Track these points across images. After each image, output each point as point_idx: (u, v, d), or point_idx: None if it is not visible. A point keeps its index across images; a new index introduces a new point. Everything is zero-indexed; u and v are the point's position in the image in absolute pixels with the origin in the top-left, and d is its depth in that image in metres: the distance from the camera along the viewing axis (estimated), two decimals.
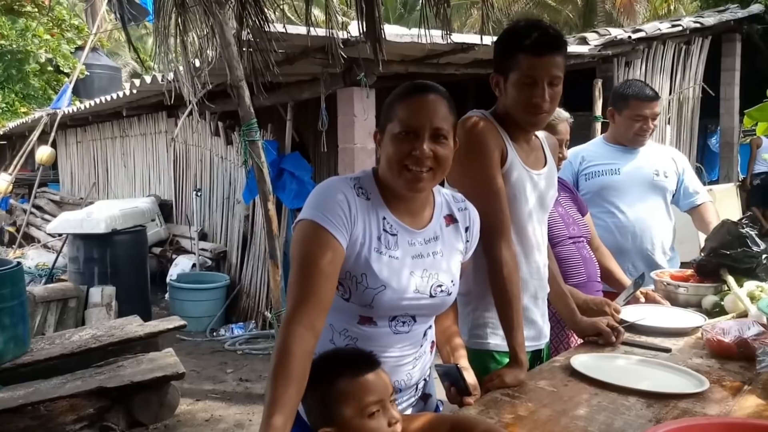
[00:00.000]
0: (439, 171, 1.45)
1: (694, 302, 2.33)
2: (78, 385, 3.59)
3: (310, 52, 4.68)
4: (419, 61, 5.30)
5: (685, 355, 1.87)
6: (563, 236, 2.29)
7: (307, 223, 1.39)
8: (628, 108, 2.80)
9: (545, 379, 1.67)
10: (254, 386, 4.43)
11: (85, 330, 4.29)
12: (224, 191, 6.75)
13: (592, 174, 2.88)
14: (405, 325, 1.48)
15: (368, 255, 1.42)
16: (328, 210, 1.39)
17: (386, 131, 1.46)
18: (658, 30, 6.57)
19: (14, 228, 10.05)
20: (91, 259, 5.66)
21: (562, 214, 2.34)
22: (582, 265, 2.29)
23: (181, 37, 3.87)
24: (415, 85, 1.48)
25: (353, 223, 1.41)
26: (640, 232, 2.80)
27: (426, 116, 1.42)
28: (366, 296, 1.41)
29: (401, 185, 1.44)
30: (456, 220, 1.58)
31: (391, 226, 1.47)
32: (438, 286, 1.49)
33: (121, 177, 9.44)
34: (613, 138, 2.94)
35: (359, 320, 1.45)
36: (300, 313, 1.30)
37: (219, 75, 4.61)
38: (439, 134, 1.43)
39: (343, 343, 1.46)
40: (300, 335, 1.28)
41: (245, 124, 4.03)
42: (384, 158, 1.46)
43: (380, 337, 1.46)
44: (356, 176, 1.51)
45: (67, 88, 9.58)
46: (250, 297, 6.04)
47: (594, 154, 2.92)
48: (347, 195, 1.43)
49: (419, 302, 1.47)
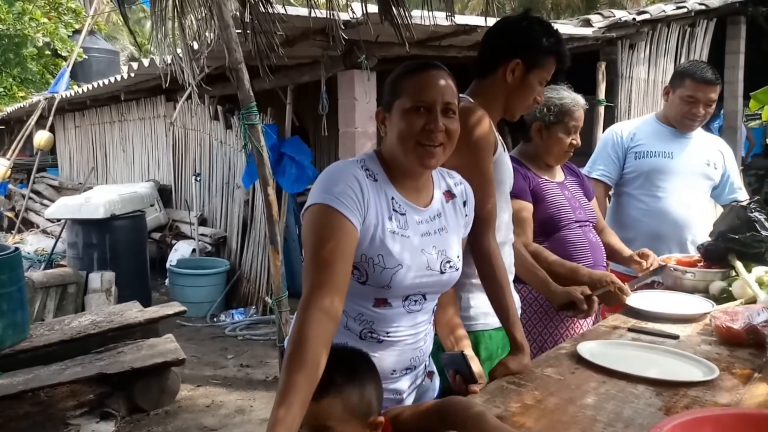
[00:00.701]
0: (449, 146, 1.45)
1: (701, 288, 2.29)
2: (78, 371, 3.56)
3: (311, 34, 4.61)
4: (421, 44, 5.22)
5: (693, 342, 1.84)
6: (570, 220, 2.26)
7: (318, 206, 1.37)
8: (682, 87, 2.70)
9: (552, 367, 1.64)
10: (255, 372, 4.41)
11: (85, 316, 4.26)
12: (224, 176, 6.70)
13: (644, 153, 2.78)
14: (417, 304, 1.48)
15: (382, 236, 1.40)
16: (340, 192, 1.37)
17: (394, 108, 1.45)
18: (663, 12, 6.48)
19: (13, 213, 10.00)
20: (90, 245, 5.63)
21: (569, 197, 2.31)
22: (588, 248, 2.26)
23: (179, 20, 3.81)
24: (420, 62, 1.48)
25: (366, 205, 1.39)
26: (682, 220, 2.72)
27: (438, 91, 1.42)
28: (384, 277, 1.40)
29: (413, 161, 1.43)
30: (454, 195, 1.58)
31: (400, 205, 1.46)
32: (447, 262, 1.49)
33: (120, 162, 9.39)
34: (664, 117, 2.84)
35: (374, 303, 1.44)
36: (317, 297, 1.27)
37: (218, 58, 4.54)
38: (449, 109, 1.43)
39: (359, 328, 1.45)
40: (318, 320, 1.25)
41: (245, 107, 3.96)
42: (394, 135, 1.44)
43: (395, 317, 1.45)
44: (360, 158, 1.49)
45: (65, 72, 9.50)
46: (250, 282, 6.01)
47: (646, 133, 2.82)
48: (357, 177, 1.41)
49: (431, 279, 1.46)
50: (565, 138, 2.27)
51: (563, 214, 2.25)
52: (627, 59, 6.49)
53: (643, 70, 6.72)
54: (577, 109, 2.27)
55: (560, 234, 2.24)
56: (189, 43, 3.99)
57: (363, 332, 1.45)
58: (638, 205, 2.70)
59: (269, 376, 4.30)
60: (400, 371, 1.48)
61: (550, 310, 2.25)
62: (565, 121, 2.26)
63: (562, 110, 2.26)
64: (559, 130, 2.27)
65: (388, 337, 1.45)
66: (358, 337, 1.44)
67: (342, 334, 1.43)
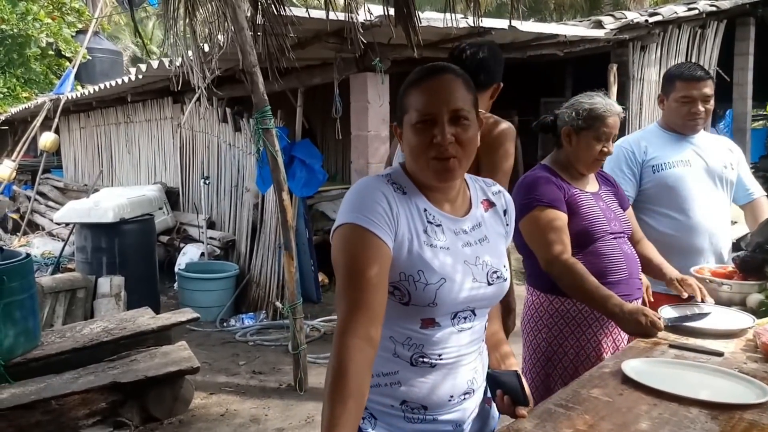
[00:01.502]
0: (466, 155, 1.36)
1: (737, 300, 2.23)
2: (91, 380, 3.51)
3: (323, 36, 4.56)
4: (434, 46, 5.17)
5: (738, 360, 1.77)
6: (605, 232, 2.19)
7: (348, 227, 1.30)
8: (674, 90, 2.61)
9: (598, 388, 1.58)
10: (268, 379, 4.35)
11: (96, 322, 4.20)
12: (232, 179, 6.65)
13: (662, 166, 2.62)
14: (467, 321, 1.40)
15: (420, 249, 1.34)
16: (369, 210, 1.30)
17: (404, 123, 1.39)
18: (675, 13, 6.43)
19: (18, 215, 9.95)
20: (99, 249, 5.57)
21: (604, 209, 2.24)
22: (623, 261, 2.19)
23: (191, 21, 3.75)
24: (426, 68, 1.39)
25: (396, 221, 1.33)
26: (716, 230, 2.61)
27: (442, 99, 1.33)
28: (428, 294, 1.32)
29: (430, 177, 1.37)
30: (493, 204, 1.52)
31: (434, 216, 1.39)
32: (494, 272, 1.42)
33: (126, 164, 9.33)
34: (666, 124, 2.73)
35: (421, 324, 1.36)
36: (354, 324, 1.21)
37: (228, 60, 4.50)
38: (459, 116, 1.34)
39: (409, 353, 1.37)
40: (357, 348, 1.19)
41: (259, 111, 3.92)
42: (407, 152, 1.39)
43: (445, 337, 1.38)
44: (387, 173, 1.43)
45: (70, 73, 9.47)
46: (260, 287, 5.95)
47: (657, 144, 2.67)
48: (385, 192, 1.35)
49: (479, 292, 1.39)
50: (595, 145, 2.19)
51: (598, 227, 2.18)
52: (638, 61, 6.45)
53: (654, 72, 6.67)
54: (610, 115, 2.19)
55: (594, 246, 2.17)
56: (200, 45, 3.94)
57: (414, 357, 1.37)
58: (667, 220, 2.58)
59: (282, 383, 4.24)
60: (458, 396, 1.41)
61: (583, 322, 2.20)
62: (595, 127, 2.18)
63: (591, 115, 2.18)
64: (588, 136, 2.19)
65: (441, 360, 1.38)
66: (410, 364, 1.37)
67: (391, 362, 1.37)
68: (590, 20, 6.47)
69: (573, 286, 2.05)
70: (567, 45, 5.98)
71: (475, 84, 1.45)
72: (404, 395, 1.38)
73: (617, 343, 2.20)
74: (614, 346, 2.19)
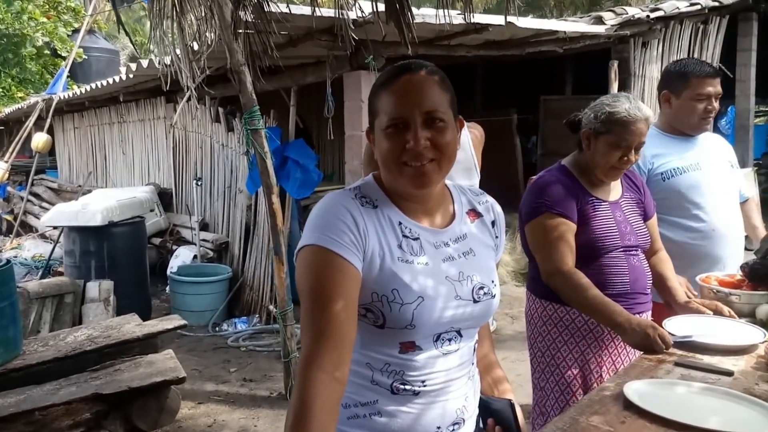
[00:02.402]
0: (444, 160, 1.24)
1: (746, 312, 2.10)
2: (72, 391, 3.38)
3: (315, 33, 4.42)
4: (429, 43, 5.04)
5: (750, 380, 1.64)
6: (615, 246, 2.04)
7: (312, 249, 1.18)
8: (689, 88, 2.44)
9: (598, 415, 1.45)
10: (259, 387, 4.22)
11: (81, 330, 4.07)
12: (226, 180, 6.51)
13: (672, 172, 2.46)
14: (452, 343, 1.27)
15: (393, 266, 1.21)
16: (333, 230, 1.18)
17: (375, 128, 1.26)
18: (677, 9, 6.30)
19: (12, 216, 9.82)
20: (88, 253, 5.43)
21: (621, 220, 2.08)
22: (627, 274, 2.05)
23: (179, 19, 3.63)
24: (396, 67, 1.27)
25: (365, 239, 1.20)
26: (732, 234, 2.48)
27: (413, 101, 1.21)
28: (404, 314, 1.19)
29: (405, 184, 1.24)
30: (480, 215, 1.39)
31: (410, 230, 1.26)
32: (480, 288, 1.29)
33: (120, 164, 9.20)
34: (669, 127, 2.56)
35: (400, 348, 1.23)
36: (319, 356, 1.08)
37: (219, 59, 4.37)
38: (434, 118, 1.22)
39: (388, 381, 1.23)
40: (322, 383, 1.06)
41: (247, 111, 3.79)
42: (379, 159, 1.26)
43: (428, 362, 1.24)
44: (356, 185, 1.31)
45: (63, 73, 9.33)
46: (253, 290, 5.82)
47: (661, 149, 2.49)
48: (350, 209, 1.22)
49: (464, 311, 1.26)
50: (613, 152, 2.01)
51: (608, 241, 2.03)
52: (639, 57, 6.32)
53: (655, 69, 6.54)
54: (633, 120, 1.98)
55: (600, 260, 2.03)
56: (189, 44, 3.82)
57: (394, 385, 1.24)
58: (681, 229, 2.43)
59: (273, 392, 4.12)
60: (447, 427, 1.28)
61: (577, 333, 2.07)
62: (615, 132, 2.00)
63: (611, 119, 2.01)
64: (607, 141, 2.02)
65: (425, 386, 1.24)
66: (390, 392, 1.24)
67: (369, 391, 1.24)
68: (590, 16, 6.33)
69: (574, 299, 1.93)
70: (567, 41, 5.85)
71: None
72: (384, 427, 1.24)
73: (614, 358, 2.08)
74: (615, 359, 2.07)
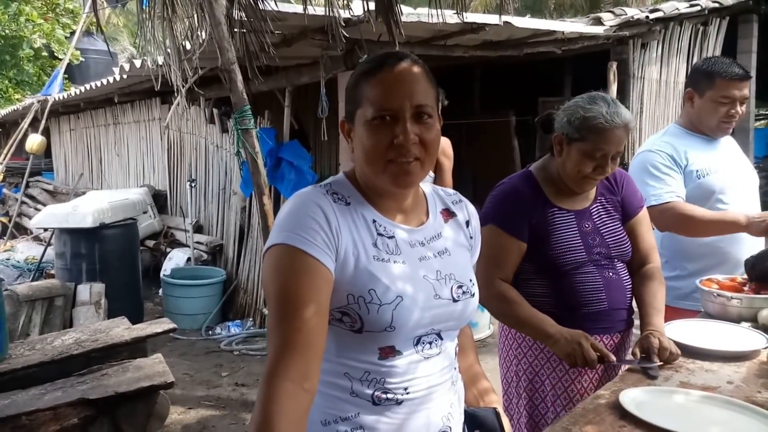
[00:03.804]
0: (428, 158, 1.17)
1: (747, 316, 2.03)
2: (58, 396, 3.29)
3: (309, 33, 4.36)
4: (425, 43, 4.98)
5: (752, 388, 1.57)
6: (578, 262, 1.87)
7: (280, 248, 1.10)
8: (713, 88, 2.33)
9: (592, 425, 1.37)
10: (250, 392, 4.15)
11: (69, 333, 3.98)
12: (220, 181, 6.45)
13: (703, 172, 2.34)
14: (433, 346, 1.20)
15: (368, 266, 1.14)
16: (303, 228, 1.10)
17: (356, 119, 1.17)
18: (677, 10, 6.25)
19: (6, 218, 9.76)
20: (79, 255, 5.35)
21: (587, 231, 1.90)
22: (602, 290, 1.88)
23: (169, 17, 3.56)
24: (383, 55, 1.20)
25: (337, 238, 1.13)
26: (756, 238, 2.36)
27: (404, 92, 1.14)
28: (383, 316, 1.12)
29: (386, 181, 1.16)
30: (454, 214, 1.32)
31: (385, 228, 1.19)
32: (459, 287, 1.23)
33: (115, 166, 9.14)
34: (691, 125, 2.45)
35: (380, 354, 1.15)
36: (285, 364, 1.00)
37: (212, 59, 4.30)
38: (423, 112, 1.15)
39: (369, 390, 1.16)
40: (288, 394, 0.98)
41: (237, 111, 3.71)
42: (360, 153, 1.17)
43: (410, 368, 1.17)
44: (327, 182, 1.23)
45: (58, 74, 9.27)
46: (247, 293, 5.75)
47: (690, 148, 2.38)
48: (322, 206, 1.14)
49: (444, 310, 1.20)
50: (586, 162, 1.80)
51: (571, 255, 1.86)
52: (639, 59, 6.26)
53: (655, 70, 6.48)
54: (609, 128, 1.76)
55: (570, 278, 1.87)
56: (180, 43, 3.75)
57: (375, 395, 1.16)
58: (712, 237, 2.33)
59: None
60: None
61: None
62: (589, 140, 1.78)
63: (585, 125, 1.79)
64: (580, 149, 1.81)
65: (408, 394, 1.17)
66: (371, 403, 1.16)
67: (349, 404, 1.16)
68: (589, 17, 6.27)
69: (504, 314, 1.86)
70: (565, 42, 5.79)
71: None
72: None
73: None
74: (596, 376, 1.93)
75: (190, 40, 3.84)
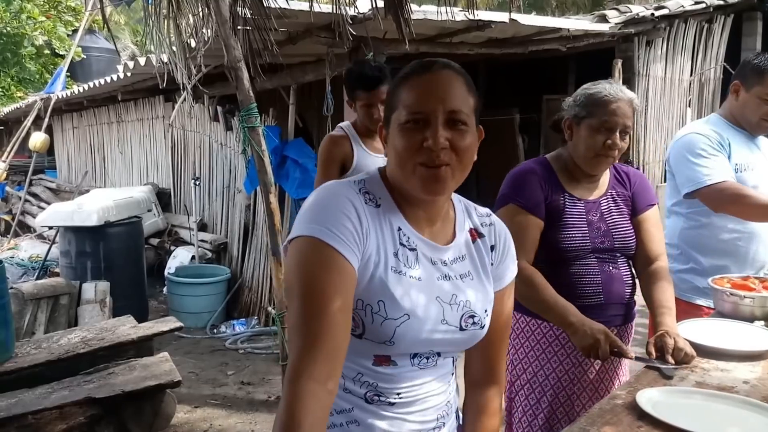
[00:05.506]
0: (460, 167, 1.14)
1: (760, 315, 2.01)
2: (65, 395, 3.30)
3: (314, 30, 4.34)
4: (431, 40, 4.96)
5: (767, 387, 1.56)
6: (585, 250, 1.90)
7: (307, 240, 1.06)
8: (761, 84, 2.28)
9: (610, 425, 1.36)
10: (256, 390, 4.15)
11: (75, 332, 3.99)
12: (224, 179, 6.43)
13: (741, 167, 2.31)
14: (429, 360, 1.19)
15: (384, 276, 1.11)
16: (334, 223, 1.07)
17: (391, 123, 1.16)
18: (682, 7, 6.22)
19: (10, 216, 9.75)
20: (84, 253, 5.35)
21: (594, 221, 1.93)
22: (600, 284, 1.91)
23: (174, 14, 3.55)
24: (422, 61, 1.18)
25: (366, 239, 1.10)
26: None
27: (438, 97, 1.12)
28: (385, 329, 1.10)
29: (415, 186, 1.13)
30: (482, 235, 1.27)
31: (409, 239, 1.16)
32: (470, 316, 1.19)
33: (118, 164, 9.13)
34: (732, 117, 2.41)
35: (374, 361, 1.15)
36: (310, 364, 0.98)
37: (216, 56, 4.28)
38: (456, 119, 1.12)
39: (362, 390, 1.16)
40: (312, 394, 0.96)
41: (244, 109, 3.69)
42: (392, 155, 1.15)
43: (404, 376, 1.17)
44: (360, 179, 1.20)
45: (61, 72, 9.26)
46: (252, 291, 5.74)
47: (732, 140, 2.34)
48: (355, 203, 1.12)
49: (447, 336, 1.17)
50: (596, 136, 1.86)
51: (575, 242, 1.89)
52: (644, 56, 6.24)
53: (660, 68, 6.46)
54: (614, 100, 1.84)
55: (567, 265, 1.90)
56: (185, 41, 3.73)
57: (368, 395, 1.16)
58: (726, 232, 2.31)
59: (271, 395, 4.03)
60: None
61: (554, 342, 1.97)
62: (597, 114, 1.85)
63: (590, 100, 1.87)
64: (588, 125, 1.87)
65: (401, 398, 1.17)
66: (364, 401, 1.16)
67: (343, 399, 1.15)
68: (594, 14, 6.25)
69: (527, 296, 1.83)
70: (570, 40, 5.77)
71: None
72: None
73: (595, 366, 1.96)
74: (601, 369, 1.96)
75: (195, 38, 3.82)
